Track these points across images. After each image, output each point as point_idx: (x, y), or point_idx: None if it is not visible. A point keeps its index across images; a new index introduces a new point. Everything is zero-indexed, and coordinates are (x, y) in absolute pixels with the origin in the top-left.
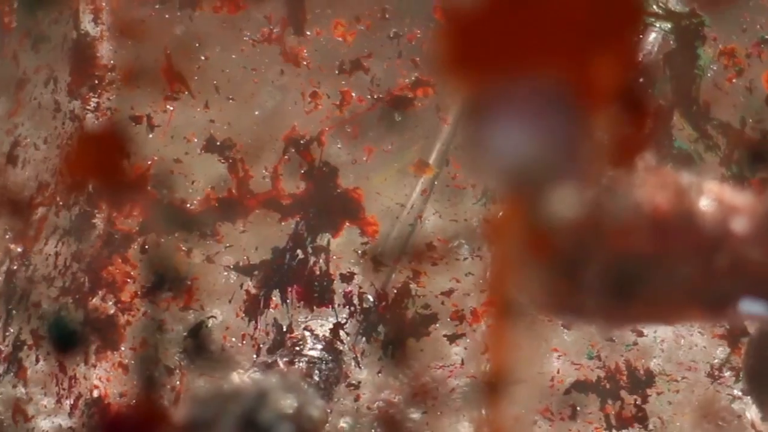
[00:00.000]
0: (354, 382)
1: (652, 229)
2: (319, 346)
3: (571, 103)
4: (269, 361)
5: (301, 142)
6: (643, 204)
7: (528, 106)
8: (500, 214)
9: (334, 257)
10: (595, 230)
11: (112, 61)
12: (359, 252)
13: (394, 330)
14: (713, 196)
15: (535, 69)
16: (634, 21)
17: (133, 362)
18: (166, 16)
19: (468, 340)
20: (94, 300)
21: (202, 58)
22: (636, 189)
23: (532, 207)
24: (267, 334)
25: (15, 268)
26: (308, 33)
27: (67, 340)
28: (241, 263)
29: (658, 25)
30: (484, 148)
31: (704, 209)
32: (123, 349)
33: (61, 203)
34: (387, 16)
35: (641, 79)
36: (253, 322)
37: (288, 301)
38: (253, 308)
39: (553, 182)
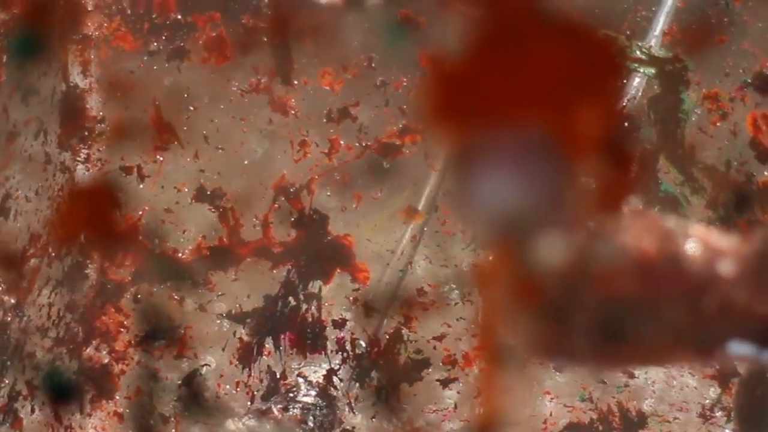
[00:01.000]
0: (348, 427)
1: (639, 273)
2: (313, 393)
3: (555, 151)
4: (263, 408)
5: (291, 190)
6: (630, 248)
7: (513, 156)
8: (489, 260)
9: (326, 304)
10: (583, 275)
11: (101, 113)
12: (351, 298)
13: (387, 375)
14: (700, 240)
15: (518, 118)
16: (616, 69)
17: (128, 411)
18: (155, 67)
19: (461, 384)
20: (88, 350)
21: (191, 108)
22: (623, 233)
23: (520, 254)
24: (261, 381)
25: (9, 319)
26: (296, 82)
27: (62, 392)
28: (233, 311)
29: (642, 70)
30: (470, 196)
31: (691, 252)
32: (118, 398)
33: (53, 254)
34: (373, 64)
35: (626, 124)
36: (247, 369)
37: (281, 348)
38: (247, 356)
39: (540, 230)
